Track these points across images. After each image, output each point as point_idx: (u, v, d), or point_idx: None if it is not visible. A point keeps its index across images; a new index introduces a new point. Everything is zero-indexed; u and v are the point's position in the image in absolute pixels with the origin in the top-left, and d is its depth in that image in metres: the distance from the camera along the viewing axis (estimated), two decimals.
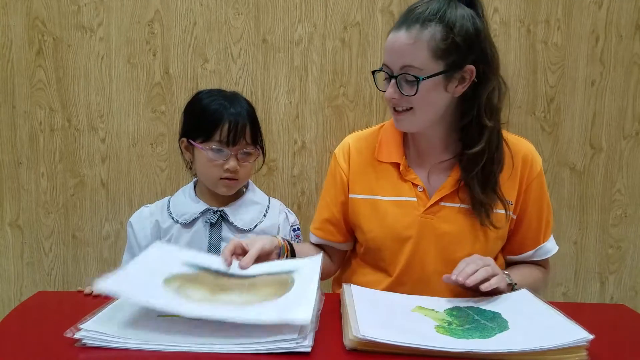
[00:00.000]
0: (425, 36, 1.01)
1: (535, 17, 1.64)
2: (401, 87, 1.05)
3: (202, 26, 1.67)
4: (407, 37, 1.02)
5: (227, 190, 1.25)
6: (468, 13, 1.03)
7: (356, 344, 0.77)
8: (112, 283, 0.83)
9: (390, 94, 1.07)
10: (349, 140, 1.26)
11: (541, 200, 1.17)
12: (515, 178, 1.13)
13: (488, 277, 0.96)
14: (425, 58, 1.01)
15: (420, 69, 1.02)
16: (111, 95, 1.70)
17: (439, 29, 1.01)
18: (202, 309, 0.79)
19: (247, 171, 1.26)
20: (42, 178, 1.74)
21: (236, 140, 1.20)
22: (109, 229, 1.77)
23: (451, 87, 1.05)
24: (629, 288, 1.77)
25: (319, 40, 1.67)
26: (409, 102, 1.06)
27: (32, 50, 1.68)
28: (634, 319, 1.00)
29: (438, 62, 1.02)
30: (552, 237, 1.21)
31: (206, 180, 1.26)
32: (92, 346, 0.76)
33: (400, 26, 1.04)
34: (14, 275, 1.80)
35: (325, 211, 1.26)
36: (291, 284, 0.91)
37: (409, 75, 1.03)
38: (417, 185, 1.14)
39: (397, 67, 1.04)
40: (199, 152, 1.22)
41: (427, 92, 1.03)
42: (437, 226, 1.12)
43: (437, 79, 1.03)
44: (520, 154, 1.14)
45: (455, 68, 1.03)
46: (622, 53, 1.65)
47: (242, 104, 1.25)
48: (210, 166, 1.21)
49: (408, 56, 1.02)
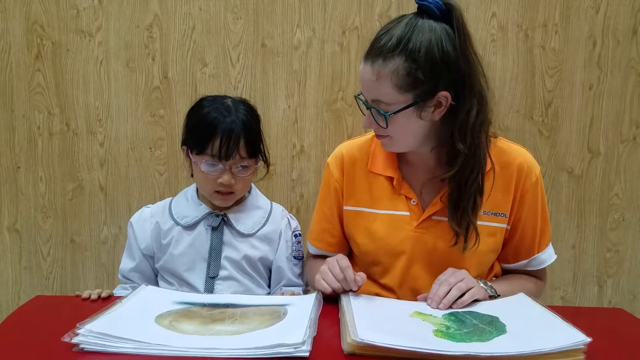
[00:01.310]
0: (387, 72, 0.97)
1: (533, 21, 1.65)
2: (376, 118, 1.03)
3: (201, 30, 1.67)
4: (371, 73, 0.99)
5: (221, 203, 1.23)
6: (437, 35, 0.96)
7: (354, 348, 0.77)
8: (102, 323, 0.82)
9: (366, 124, 1.06)
10: (342, 150, 1.23)
11: (536, 211, 1.14)
12: (509, 189, 1.11)
13: (462, 294, 0.97)
14: (390, 93, 0.98)
15: (387, 104, 0.99)
16: (110, 100, 1.71)
17: (401, 62, 0.96)
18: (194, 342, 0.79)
19: (244, 184, 1.23)
20: (41, 182, 1.74)
21: (229, 155, 1.15)
22: (108, 233, 1.76)
23: (426, 114, 1.01)
24: (627, 292, 1.77)
25: (317, 44, 1.67)
26: (385, 131, 1.04)
27: (30, 54, 1.68)
28: (632, 322, 1.00)
29: (405, 94, 0.98)
30: (549, 247, 1.18)
31: (203, 192, 1.25)
32: (90, 351, 0.76)
33: (367, 58, 1.00)
34: (12, 280, 1.79)
35: (323, 221, 1.25)
36: (284, 315, 0.91)
37: (378, 109, 1.01)
38: (410, 199, 1.13)
39: (368, 99, 1.03)
40: (195, 163, 1.20)
41: (400, 124, 1.01)
42: (429, 241, 1.11)
43: (407, 112, 1.00)
44: (515, 164, 1.11)
45: (425, 97, 0.99)
46: (619, 58, 1.66)
47: (239, 114, 1.19)
48: (205, 179, 1.19)
49: (374, 91, 1.00)
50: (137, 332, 0.80)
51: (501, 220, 1.12)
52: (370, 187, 1.17)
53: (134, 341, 0.77)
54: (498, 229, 1.12)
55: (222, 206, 1.24)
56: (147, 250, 1.26)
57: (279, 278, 1.28)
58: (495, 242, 1.13)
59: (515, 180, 1.11)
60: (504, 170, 1.10)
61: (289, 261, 1.28)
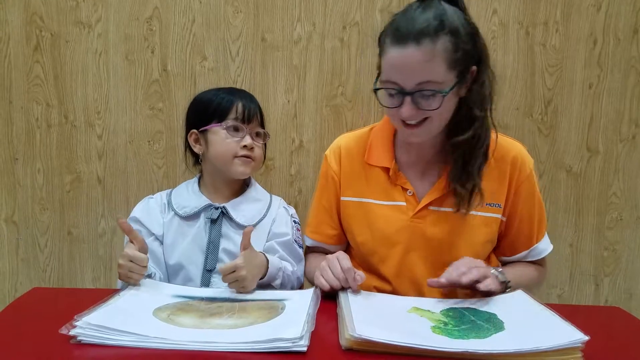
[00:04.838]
0: (439, 50, 0.97)
1: (534, 19, 1.64)
2: (418, 103, 1.01)
3: (201, 24, 1.66)
4: (421, 54, 0.97)
5: (243, 170, 1.22)
6: (459, 14, 1.01)
7: (352, 344, 0.77)
8: (99, 316, 0.82)
9: (408, 113, 1.01)
10: (340, 142, 1.25)
11: (532, 202, 1.16)
12: (504, 180, 1.13)
13: (480, 277, 0.96)
14: (443, 72, 0.99)
15: (439, 83, 0.99)
16: (109, 92, 1.70)
17: (448, 39, 0.97)
18: (192, 335, 0.79)
19: (260, 153, 1.27)
20: (38, 174, 1.74)
21: (250, 117, 1.23)
22: (105, 226, 1.76)
23: (462, 90, 1.05)
24: (624, 291, 1.78)
25: (317, 39, 1.67)
26: (424, 113, 1.02)
27: (29, 45, 1.67)
28: (629, 321, 1.00)
29: (452, 72, 1.00)
30: (546, 236, 1.21)
31: (222, 163, 1.23)
32: (88, 343, 0.76)
33: (405, 42, 0.97)
34: (9, 272, 1.79)
35: (321, 214, 1.25)
36: (282, 310, 0.91)
37: (427, 91, 0.99)
38: (406, 190, 1.14)
39: (411, 84, 0.99)
40: (214, 134, 1.22)
41: (447, 103, 1.02)
42: (426, 230, 1.12)
43: (455, 89, 1.02)
44: (509, 156, 1.13)
45: (465, 73, 1.02)
46: (619, 56, 1.65)
47: (247, 94, 1.29)
48: (227, 144, 1.21)
49: (426, 72, 0.98)
50: (135, 325, 0.80)
51: (496, 211, 1.13)
52: (367, 179, 1.19)
53: (132, 334, 0.77)
54: (493, 219, 1.13)
55: (243, 176, 1.26)
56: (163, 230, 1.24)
57: None
58: (491, 233, 1.14)
59: (510, 172, 1.13)
60: (498, 162, 1.12)
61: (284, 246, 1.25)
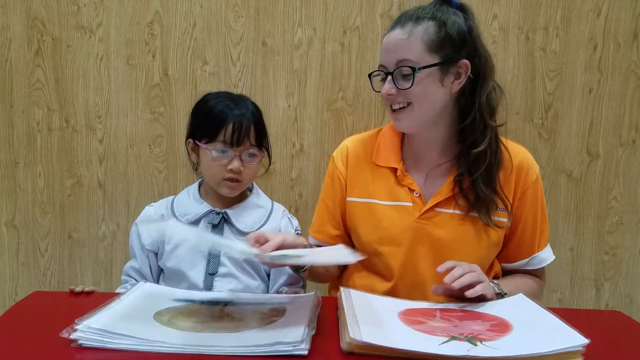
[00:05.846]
0: (418, 30, 1.05)
1: (534, 24, 1.65)
2: (397, 82, 1.07)
3: (202, 28, 1.67)
4: (401, 33, 1.06)
5: (230, 192, 1.24)
6: (459, 15, 1.07)
7: (353, 347, 0.77)
8: (100, 319, 0.82)
9: (386, 90, 1.08)
10: (347, 144, 1.27)
11: (536, 209, 1.16)
12: (510, 185, 1.14)
13: (474, 282, 0.96)
14: (419, 51, 1.05)
15: (415, 62, 1.05)
16: (110, 96, 1.70)
17: (431, 24, 1.05)
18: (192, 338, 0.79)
19: (251, 173, 1.26)
20: (39, 178, 1.74)
21: (240, 141, 1.20)
22: (106, 230, 1.76)
23: (447, 81, 1.07)
24: (624, 295, 1.77)
25: (318, 44, 1.67)
26: (406, 97, 1.07)
27: (31, 49, 1.68)
28: (630, 325, 1.00)
29: (432, 55, 1.05)
30: (548, 246, 1.21)
31: (210, 181, 1.26)
32: (88, 347, 0.76)
33: (394, 27, 1.09)
34: (9, 275, 1.79)
35: (326, 214, 1.26)
36: (283, 314, 0.91)
37: (405, 69, 1.05)
38: (413, 191, 1.15)
39: (392, 63, 1.07)
40: (204, 152, 1.23)
41: (424, 85, 1.05)
42: (432, 232, 1.12)
43: (432, 71, 1.05)
44: (516, 161, 1.14)
45: (449, 61, 1.06)
46: (619, 61, 1.66)
47: (248, 105, 1.26)
48: (214, 166, 1.21)
49: (403, 50, 1.05)
50: (135, 328, 0.80)
51: (501, 215, 1.14)
52: (373, 179, 1.19)
53: (133, 337, 0.77)
54: (499, 223, 1.13)
55: (230, 196, 1.26)
56: (152, 245, 1.26)
57: (278, 276, 1.28)
58: (496, 236, 1.14)
59: (515, 177, 1.14)
60: (504, 167, 1.13)
61: None
